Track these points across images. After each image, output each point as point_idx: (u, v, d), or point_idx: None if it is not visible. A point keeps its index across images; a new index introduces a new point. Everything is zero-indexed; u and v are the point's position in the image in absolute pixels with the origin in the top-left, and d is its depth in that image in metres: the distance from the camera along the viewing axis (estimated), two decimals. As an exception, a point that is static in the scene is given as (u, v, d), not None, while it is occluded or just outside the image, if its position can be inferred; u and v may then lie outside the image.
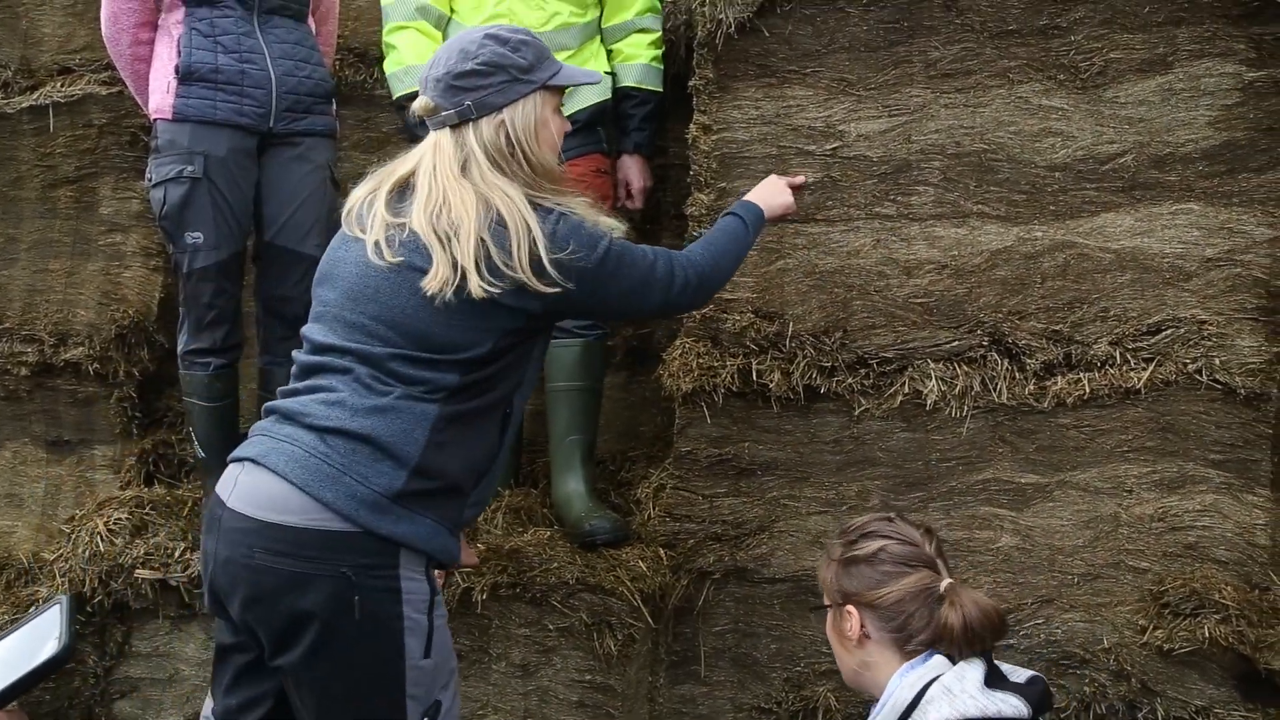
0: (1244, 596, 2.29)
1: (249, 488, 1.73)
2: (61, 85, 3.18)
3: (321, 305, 1.85)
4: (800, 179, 2.43)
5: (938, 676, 1.53)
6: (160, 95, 2.60)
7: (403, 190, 1.83)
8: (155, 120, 2.63)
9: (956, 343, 2.46)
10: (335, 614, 1.68)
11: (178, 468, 3.10)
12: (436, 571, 2.24)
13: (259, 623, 1.73)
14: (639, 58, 2.76)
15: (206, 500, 2.72)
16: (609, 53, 2.79)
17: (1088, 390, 2.38)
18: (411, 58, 2.66)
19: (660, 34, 2.81)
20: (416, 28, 2.68)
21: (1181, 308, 2.38)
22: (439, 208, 1.75)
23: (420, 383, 1.74)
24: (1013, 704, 1.50)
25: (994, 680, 1.54)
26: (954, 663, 1.55)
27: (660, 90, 2.79)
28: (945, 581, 1.59)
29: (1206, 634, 2.26)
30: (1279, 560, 2.40)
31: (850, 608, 1.62)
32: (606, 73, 2.76)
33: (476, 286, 1.71)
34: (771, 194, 2.26)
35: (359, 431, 1.71)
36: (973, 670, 1.54)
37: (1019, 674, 1.58)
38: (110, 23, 2.63)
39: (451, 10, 2.70)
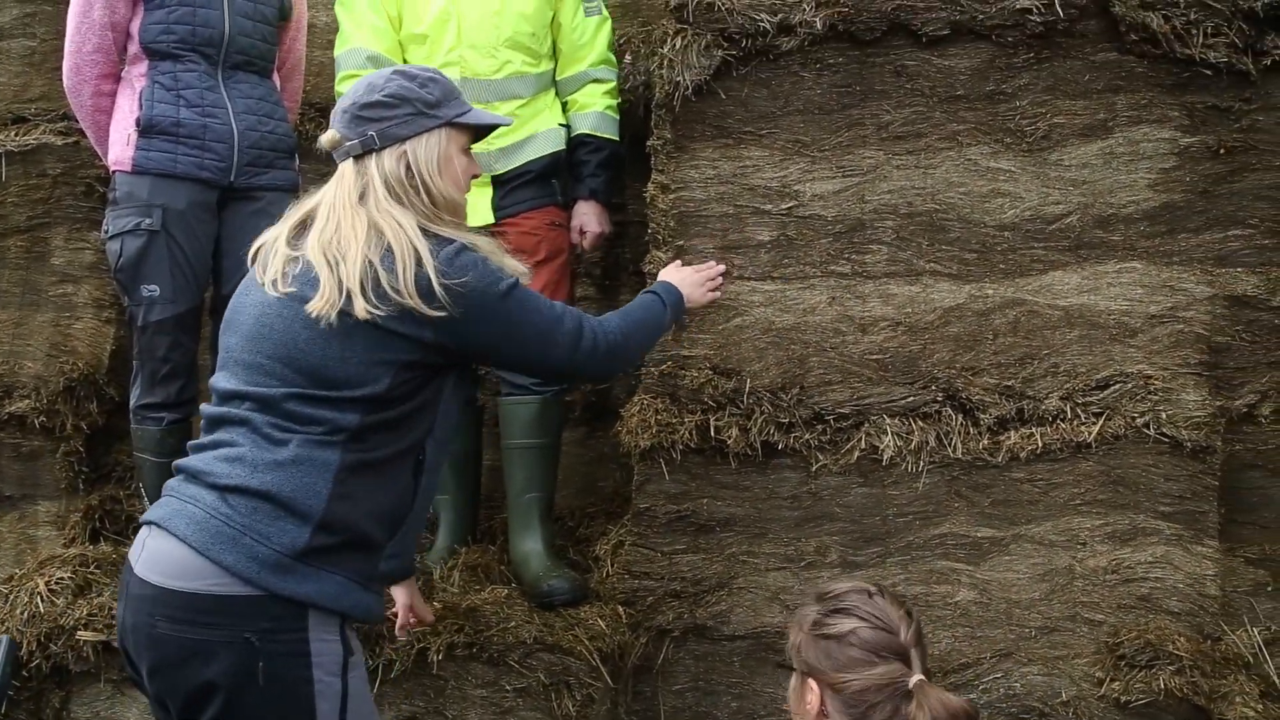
0: (1197, 647, 2.33)
1: (152, 553, 1.69)
2: (16, 134, 3.16)
3: (225, 353, 1.82)
4: (718, 270, 2.47)
5: None
6: (120, 147, 2.60)
7: (304, 225, 1.82)
8: (114, 172, 2.62)
9: (911, 398, 2.50)
10: (239, 682, 1.63)
11: (125, 524, 3.01)
12: (399, 627, 2.18)
13: (166, 693, 1.68)
14: (594, 106, 2.80)
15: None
16: (564, 104, 2.83)
17: (1040, 444, 2.43)
18: None
19: (615, 84, 2.85)
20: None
21: (1128, 363, 2.45)
22: (331, 235, 1.75)
23: (318, 423, 1.69)
24: None
25: None
26: None
27: (615, 139, 2.82)
28: (915, 678, 1.49)
29: (1162, 685, 2.29)
30: (1229, 610, 2.45)
31: (812, 682, 1.54)
32: (560, 125, 2.80)
33: (361, 309, 1.68)
34: (695, 284, 2.32)
35: (259, 489, 1.67)
36: None
37: None
38: (73, 74, 2.62)
39: (404, 60, 2.73)
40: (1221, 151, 2.46)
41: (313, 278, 1.72)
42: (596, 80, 2.82)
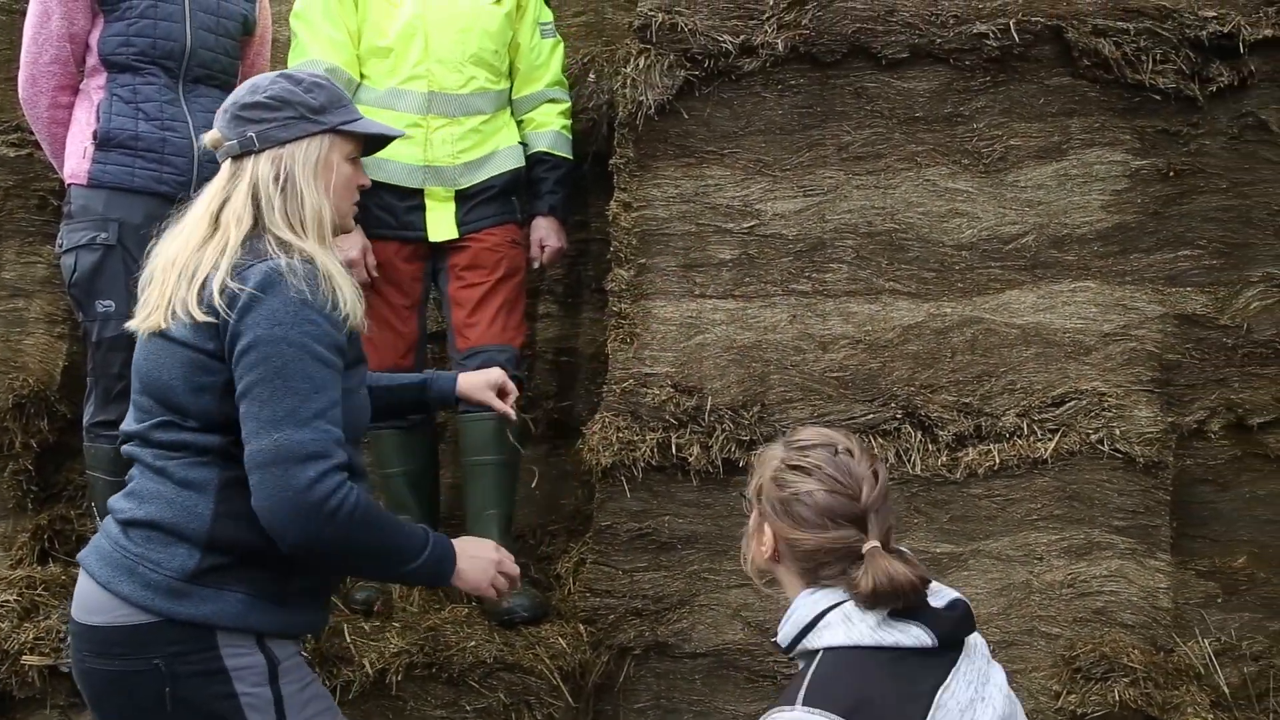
0: (1150, 659, 2.37)
1: (77, 592, 1.72)
2: (-34, 146, 3.10)
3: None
4: (514, 577, 1.86)
5: (841, 602, 1.49)
6: (76, 160, 2.56)
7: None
8: (70, 185, 2.58)
9: (871, 415, 2.52)
10: (155, 709, 1.64)
11: (75, 545, 2.94)
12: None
13: None
14: (550, 125, 2.84)
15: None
16: (519, 122, 2.86)
17: (998, 461, 2.46)
18: None
19: (569, 105, 2.90)
20: None
21: (1083, 380, 2.49)
22: (174, 248, 1.71)
23: (184, 447, 1.67)
24: (914, 634, 1.46)
25: (902, 610, 1.48)
26: None
27: (570, 158, 2.86)
28: (869, 545, 1.48)
29: (1117, 697, 2.32)
30: (1181, 622, 2.50)
31: (769, 529, 1.55)
32: (520, 143, 2.83)
33: (156, 319, 1.66)
34: (483, 565, 1.79)
35: (146, 518, 1.67)
36: None
37: (942, 596, 1.54)
38: (29, 85, 2.58)
39: (361, 75, 2.73)
40: (1171, 174, 2.53)
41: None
42: (552, 100, 2.86)
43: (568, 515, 3.07)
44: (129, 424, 1.76)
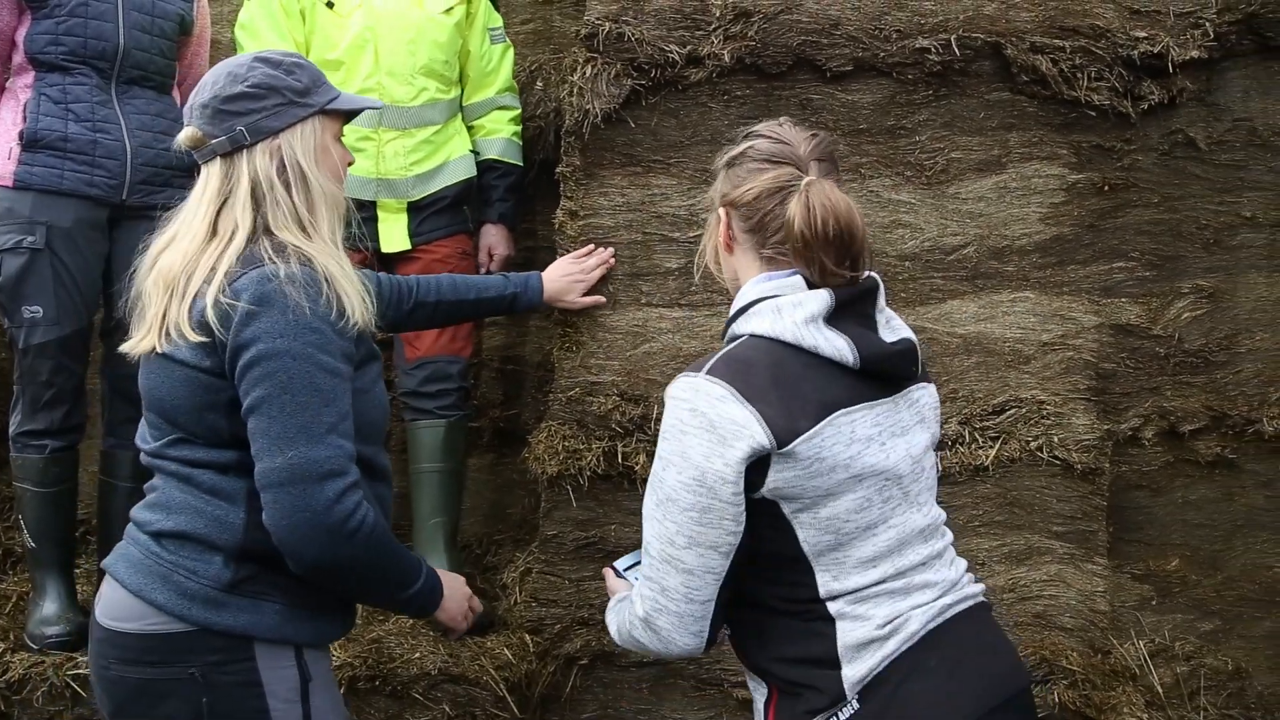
0: (1088, 661, 2.43)
1: (103, 597, 1.68)
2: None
3: None
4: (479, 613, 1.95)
5: (781, 295, 1.47)
6: (1, 162, 2.47)
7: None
8: (-5, 187, 2.50)
9: (816, 423, 2.54)
10: (192, 717, 1.60)
11: (2, 559, 2.86)
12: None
13: None
14: (501, 133, 2.85)
15: (36, 595, 2.52)
16: (469, 128, 2.86)
17: (941, 468, 2.50)
18: None
19: (519, 112, 2.90)
20: None
21: (1023, 389, 2.55)
22: (168, 261, 1.64)
23: (202, 464, 1.63)
24: (837, 345, 1.43)
25: (842, 319, 1.44)
26: (810, 288, 1.46)
27: (521, 164, 2.87)
28: (806, 179, 1.48)
29: (1056, 699, 2.38)
30: (1117, 625, 2.56)
31: (721, 210, 1.56)
32: (471, 151, 2.83)
33: (151, 341, 1.61)
34: (460, 598, 1.84)
35: (176, 529, 1.63)
36: (815, 302, 1.44)
37: (896, 333, 1.51)
38: (-48, 83, 2.50)
39: None
40: (1106, 188, 2.60)
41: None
42: (502, 107, 2.87)
43: (514, 524, 3.05)
44: (144, 440, 1.70)
